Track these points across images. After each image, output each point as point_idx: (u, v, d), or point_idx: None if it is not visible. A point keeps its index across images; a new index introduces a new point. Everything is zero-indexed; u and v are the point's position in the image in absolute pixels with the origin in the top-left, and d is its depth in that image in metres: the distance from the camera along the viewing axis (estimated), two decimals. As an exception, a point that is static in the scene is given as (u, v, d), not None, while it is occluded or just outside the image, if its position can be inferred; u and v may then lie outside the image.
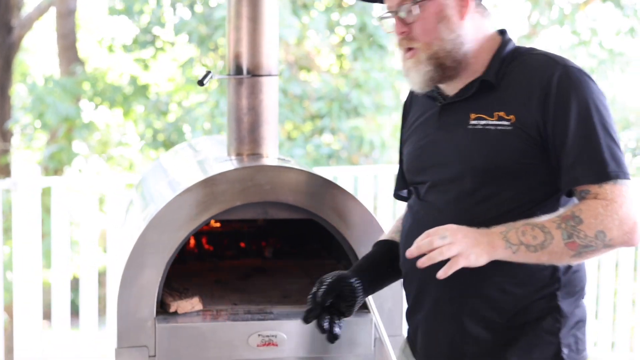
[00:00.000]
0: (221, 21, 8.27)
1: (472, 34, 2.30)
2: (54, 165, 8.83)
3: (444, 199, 2.31)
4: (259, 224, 4.16)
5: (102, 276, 5.95)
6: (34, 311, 5.08)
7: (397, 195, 2.80)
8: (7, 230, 5.73)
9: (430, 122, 2.41)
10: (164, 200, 3.24)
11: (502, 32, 2.37)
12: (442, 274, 2.13)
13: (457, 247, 2.11)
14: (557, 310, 2.28)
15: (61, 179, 5.18)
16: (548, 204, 2.24)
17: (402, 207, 5.44)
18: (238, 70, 3.50)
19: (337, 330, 2.63)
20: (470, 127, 2.28)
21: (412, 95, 2.58)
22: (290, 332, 3.21)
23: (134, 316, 3.16)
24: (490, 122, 2.25)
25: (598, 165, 2.15)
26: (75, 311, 5.54)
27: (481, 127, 2.26)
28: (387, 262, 2.70)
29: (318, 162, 8.43)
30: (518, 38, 8.22)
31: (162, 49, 9.19)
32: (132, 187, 4.39)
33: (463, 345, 2.35)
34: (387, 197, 5.39)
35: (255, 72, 3.50)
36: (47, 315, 5.66)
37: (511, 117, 2.22)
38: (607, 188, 2.14)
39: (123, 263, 3.21)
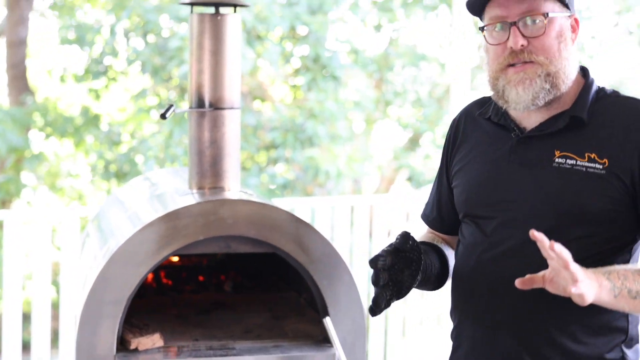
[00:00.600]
0: (175, 52, 8.23)
1: (575, 62, 2.19)
2: (2, 197, 8.69)
3: (520, 238, 2.11)
4: (218, 258, 4.12)
5: (54, 309, 5.85)
6: None
7: (427, 219, 2.58)
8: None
9: (502, 153, 2.23)
10: (124, 235, 3.19)
11: (583, 69, 2.27)
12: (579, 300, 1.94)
13: (590, 292, 1.93)
14: None
15: (12, 212, 5.05)
16: (626, 252, 2.16)
17: (359, 239, 5.46)
18: (200, 103, 3.48)
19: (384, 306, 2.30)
20: (555, 165, 2.14)
21: (465, 117, 2.41)
22: (252, 367, 3.18)
23: (94, 353, 3.10)
24: (580, 163, 2.11)
25: None
26: (26, 345, 5.43)
27: (569, 166, 2.12)
28: (441, 258, 2.45)
29: (273, 193, 8.41)
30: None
31: (114, 79, 9.11)
32: (88, 221, 4.32)
33: None
34: (344, 228, 5.38)
35: (217, 105, 3.47)
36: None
37: (604, 160, 2.10)
38: None
39: (82, 299, 3.16)
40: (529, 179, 2.15)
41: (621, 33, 9.52)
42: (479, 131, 2.33)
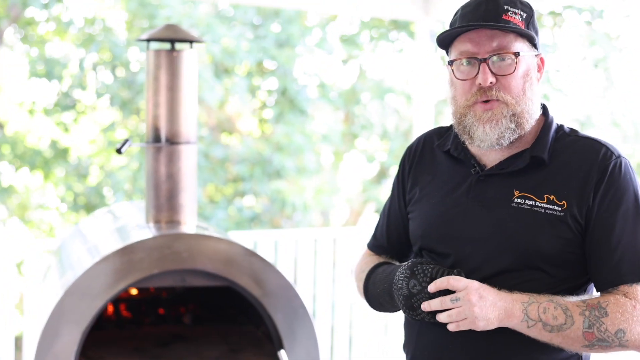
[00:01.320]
0: (143, 86, 8.27)
1: (539, 101, 2.17)
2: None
3: (478, 277, 2.07)
4: (178, 291, 4.14)
5: (19, 341, 5.82)
6: None
7: (376, 247, 2.50)
8: None
9: (461, 190, 2.19)
10: (81, 268, 3.22)
11: (543, 107, 2.23)
12: (451, 327, 2.00)
13: (466, 313, 1.97)
14: None
15: None
16: (580, 292, 2.12)
17: (322, 271, 5.49)
18: (156, 138, 3.51)
19: None
20: (514, 205, 2.10)
21: (423, 145, 2.36)
22: (208, 400, 3.22)
23: (50, 385, 3.12)
24: (538, 204, 2.08)
25: (631, 268, 2.05)
26: None
27: (527, 207, 2.09)
28: None
29: (240, 225, 8.43)
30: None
31: (83, 112, 9.13)
32: (51, 253, 4.32)
33: None
34: (308, 261, 5.41)
35: (173, 140, 3.50)
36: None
37: (563, 202, 2.07)
38: (638, 289, 2.04)
39: (39, 331, 3.17)
40: (487, 218, 2.13)
41: (587, 66, 9.65)
42: (437, 163, 2.30)
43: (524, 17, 2.11)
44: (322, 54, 9.16)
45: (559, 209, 2.07)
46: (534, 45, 2.15)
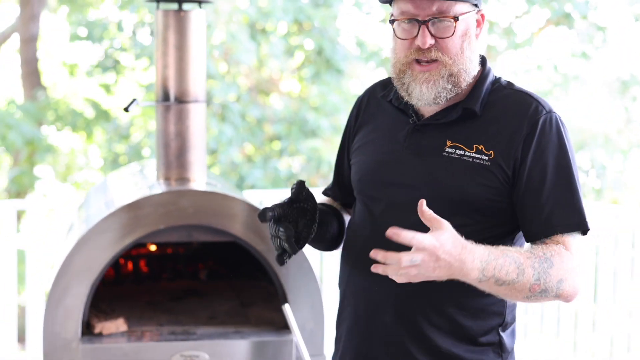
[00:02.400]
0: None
1: (477, 56, 2.23)
2: (17, 189, 8.90)
3: (405, 223, 2.06)
4: (195, 247, 4.23)
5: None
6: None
7: (328, 191, 2.58)
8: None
9: (398, 138, 2.26)
10: (89, 224, 3.32)
11: (482, 59, 2.28)
12: (399, 280, 1.98)
13: (420, 277, 1.95)
14: (499, 346, 2.26)
15: (10, 203, 5.16)
16: (508, 240, 2.20)
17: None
18: (165, 97, 3.58)
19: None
20: (445, 154, 2.18)
21: (369, 97, 2.43)
22: (213, 352, 3.29)
23: (59, 337, 3.24)
24: (468, 154, 2.15)
25: (575, 216, 2.11)
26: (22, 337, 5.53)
27: (457, 156, 2.17)
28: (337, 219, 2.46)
29: (276, 184, 8.51)
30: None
31: (122, 73, 9.27)
32: (77, 207, 4.43)
33: None
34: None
35: (182, 99, 3.58)
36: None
37: (490, 152, 2.14)
38: (570, 240, 2.11)
39: (49, 284, 3.29)
40: (419, 166, 2.20)
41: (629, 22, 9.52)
42: (380, 112, 2.36)
43: None
44: (359, 14, 9.16)
45: (486, 158, 2.13)
46: (475, 5, 2.19)
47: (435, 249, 1.92)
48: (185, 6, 3.58)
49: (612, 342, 5.22)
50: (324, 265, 5.41)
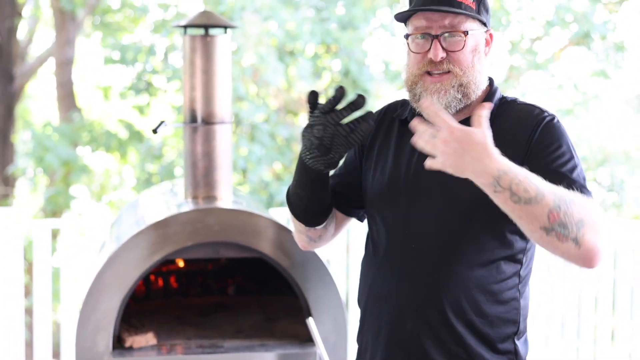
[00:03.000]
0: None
1: (486, 73, 2.36)
2: (52, 208, 9.11)
3: (423, 233, 2.26)
4: (223, 263, 4.35)
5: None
6: (17, 353, 5.09)
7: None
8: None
9: (412, 152, 2.35)
10: (122, 240, 3.46)
11: (490, 79, 2.41)
12: (427, 163, 2.05)
13: (436, 151, 2.02)
14: (515, 354, 2.33)
15: (46, 222, 5.30)
16: (518, 255, 2.29)
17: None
18: (193, 118, 3.72)
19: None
20: None
21: (385, 114, 2.52)
22: (239, 364, 3.42)
23: (91, 351, 3.37)
24: None
25: (581, 189, 2.17)
26: (57, 352, 5.61)
27: None
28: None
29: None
30: (498, 82, 8.43)
31: (155, 95, 9.47)
32: (109, 225, 4.57)
33: None
34: (357, 232, 5.53)
35: (208, 120, 3.71)
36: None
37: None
38: (593, 201, 2.14)
39: (81, 300, 3.42)
40: (432, 177, 2.26)
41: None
42: (392, 131, 2.45)
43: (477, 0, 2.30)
44: (385, 35, 9.29)
45: None
46: (484, 24, 2.33)
47: (454, 134, 2.00)
48: (212, 31, 3.72)
49: (630, 356, 5.27)
50: (349, 281, 5.51)
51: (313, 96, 2.19)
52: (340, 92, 2.17)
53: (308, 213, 2.42)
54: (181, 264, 4.28)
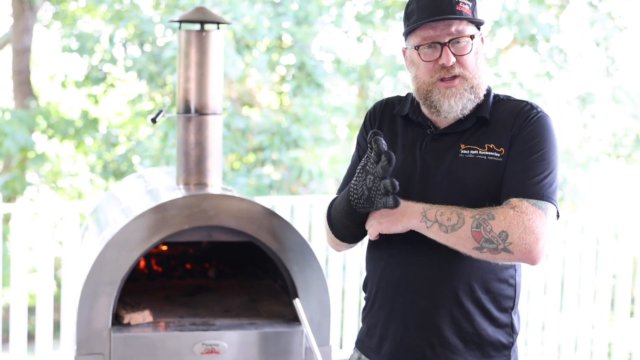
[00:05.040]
0: (169, 60, 8.67)
1: (487, 73, 2.53)
2: (8, 194, 9.13)
3: None
4: (204, 248, 4.55)
5: (57, 302, 6.12)
6: None
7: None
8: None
9: (418, 146, 2.55)
10: (119, 225, 3.62)
11: None
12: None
13: (374, 221, 2.42)
14: (511, 327, 2.56)
15: (19, 205, 5.41)
16: None
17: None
18: (187, 109, 3.90)
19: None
20: (461, 155, 2.46)
21: (383, 108, 2.70)
22: (230, 341, 3.60)
23: (91, 326, 3.52)
24: (482, 153, 2.45)
25: (533, 187, 2.38)
26: (30, 336, 5.73)
27: (472, 156, 2.45)
28: None
29: (260, 192, 8.85)
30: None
31: (112, 85, 9.57)
32: (87, 216, 4.71)
33: (439, 349, 2.50)
34: (321, 224, 5.78)
35: (202, 111, 3.89)
36: (5, 339, 5.86)
37: (501, 149, 2.44)
38: (525, 204, 2.35)
39: (81, 280, 3.57)
40: (438, 168, 2.51)
41: (590, 45, 10.06)
42: (395, 125, 2.65)
43: (471, 5, 2.52)
44: (337, 32, 9.55)
45: (498, 154, 2.45)
46: (479, 28, 2.56)
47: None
48: (207, 27, 3.91)
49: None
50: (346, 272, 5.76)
51: (377, 140, 2.33)
52: (390, 156, 2.31)
53: (351, 236, 2.59)
54: (164, 247, 4.47)
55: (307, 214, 5.78)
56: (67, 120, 9.52)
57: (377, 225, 2.43)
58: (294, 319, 3.76)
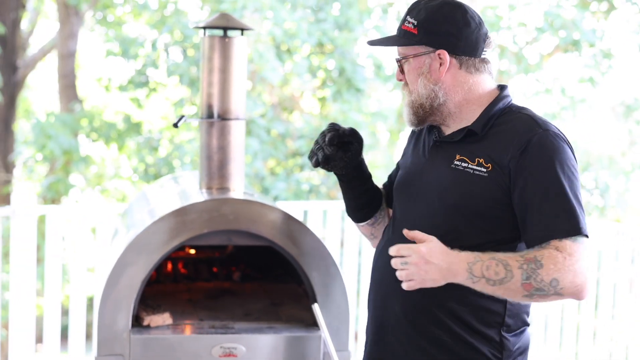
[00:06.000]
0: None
1: (452, 89, 2.56)
2: (52, 196, 9.30)
3: (418, 225, 2.52)
4: (230, 251, 4.58)
5: (90, 302, 6.19)
6: (27, 334, 5.21)
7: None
8: (6, 255, 6.09)
9: (423, 152, 2.68)
10: (140, 227, 3.68)
11: (502, 88, 2.63)
12: (404, 286, 2.39)
13: (414, 276, 2.35)
14: (500, 344, 2.55)
15: (56, 208, 5.48)
16: (507, 247, 2.47)
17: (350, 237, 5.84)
18: (209, 114, 3.94)
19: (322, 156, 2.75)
20: (453, 166, 2.54)
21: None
22: (249, 345, 3.61)
23: (112, 328, 3.56)
24: (470, 166, 2.50)
25: (568, 222, 2.37)
26: (65, 335, 5.80)
27: (462, 168, 2.51)
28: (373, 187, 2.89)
29: (298, 196, 8.87)
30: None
31: (154, 89, 9.69)
32: (119, 215, 4.78)
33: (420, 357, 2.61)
34: (354, 230, 5.77)
35: (224, 116, 3.93)
36: (39, 339, 5.95)
37: (489, 165, 2.47)
38: (568, 243, 2.36)
39: (103, 281, 3.63)
40: (432, 176, 2.59)
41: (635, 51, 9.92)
42: (421, 134, 2.78)
43: (417, 23, 2.57)
44: (378, 36, 9.55)
45: (485, 170, 2.48)
46: (431, 46, 2.57)
47: (422, 251, 2.35)
48: (230, 33, 3.95)
49: (611, 355, 5.53)
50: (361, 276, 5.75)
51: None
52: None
53: (349, 210, 2.87)
54: (191, 251, 4.52)
55: (339, 219, 5.78)
56: (110, 124, 9.68)
57: (420, 283, 2.39)
58: (313, 323, 3.77)
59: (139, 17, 9.99)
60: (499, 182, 2.47)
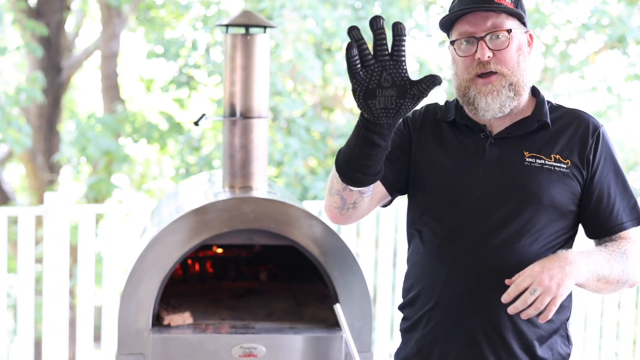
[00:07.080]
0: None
1: (532, 71, 2.46)
2: (94, 195, 9.41)
3: (492, 224, 2.40)
4: (257, 251, 4.55)
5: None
6: (61, 332, 5.24)
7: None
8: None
9: (476, 152, 2.46)
10: (161, 226, 3.67)
11: (533, 87, 2.53)
12: (543, 317, 2.26)
13: (549, 296, 2.23)
14: (567, 338, 2.51)
15: (88, 207, 5.51)
16: (569, 239, 2.46)
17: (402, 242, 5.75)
18: (232, 112, 3.92)
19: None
20: (526, 163, 2.40)
21: (427, 112, 2.57)
22: (269, 345, 3.59)
23: (132, 327, 3.57)
24: (548, 163, 2.39)
25: (635, 211, 2.44)
26: (98, 335, 5.82)
27: (539, 165, 2.40)
28: None
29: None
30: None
31: (195, 88, 9.73)
32: (150, 212, 4.78)
33: None
34: (390, 229, 5.70)
35: (247, 115, 3.91)
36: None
37: (567, 161, 2.40)
38: (635, 232, 2.44)
39: (124, 280, 3.63)
40: (502, 176, 2.41)
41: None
42: (440, 133, 2.52)
43: None
44: (420, 35, 9.46)
45: (565, 166, 2.40)
46: (524, 24, 2.44)
47: (536, 269, 2.25)
48: (252, 30, 3.93)
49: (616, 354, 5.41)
50: (377, 275, 5.69)
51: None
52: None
53: (351, 166, 2.31)
54: (218, 250, 4.50)
55: (374, 218, 5.71)
56: (152, 124, 9.75)
57: (554, 304, 2.26)
58: (335, 324, 3.73)
59: (181, 17, 10.04)
60: (578, 177, 2.43)
